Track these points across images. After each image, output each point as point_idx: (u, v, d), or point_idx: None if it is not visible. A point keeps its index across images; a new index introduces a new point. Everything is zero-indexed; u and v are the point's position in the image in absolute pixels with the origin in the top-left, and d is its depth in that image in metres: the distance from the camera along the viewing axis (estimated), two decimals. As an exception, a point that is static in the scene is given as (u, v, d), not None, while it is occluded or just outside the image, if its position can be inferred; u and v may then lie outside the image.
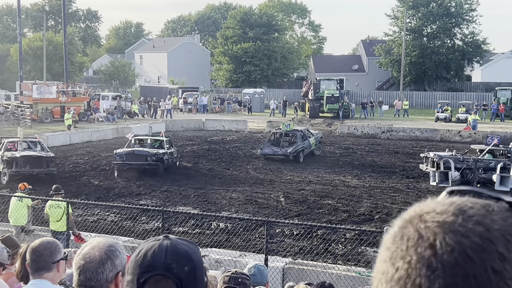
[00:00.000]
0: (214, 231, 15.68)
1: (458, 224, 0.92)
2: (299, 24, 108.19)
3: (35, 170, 22.52)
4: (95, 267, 2.53)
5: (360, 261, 13.20)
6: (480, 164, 22.76)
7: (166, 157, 24.55)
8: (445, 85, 75.76)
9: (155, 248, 1.76)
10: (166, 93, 60.97)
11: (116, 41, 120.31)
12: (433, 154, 23.95)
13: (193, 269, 1.77)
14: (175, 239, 1.81)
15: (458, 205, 0.95)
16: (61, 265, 3.53)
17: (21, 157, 22.58)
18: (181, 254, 1.77)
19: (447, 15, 72.31)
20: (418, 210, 1.00)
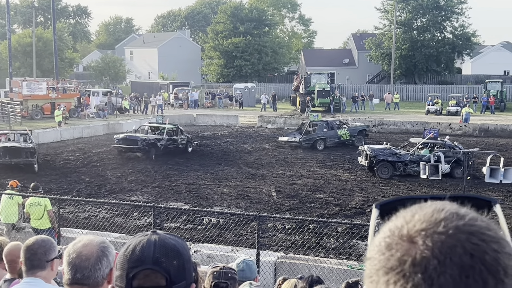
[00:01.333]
0: (206, 227, 15.69)
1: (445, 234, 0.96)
2: (289, 18, 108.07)
3: (13, 160, 23.71)
4: (93, 265, 2.53)
5: (351, 255, 13.25)
6: (412, 157, 23.00)
7: (161, 143, 27.65)
8: (435, 78, 75.94)
9: (144, 243, 1.77)
10: (157, 88, 60.85)
11: (106, 37, 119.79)
12: (367, 147, 24.16)
13: (182, 263, 1.78)
14: (163, 234, 1.82)
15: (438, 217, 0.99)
16: (55, 264, 3.52)
17: (1, 148, 23.81)
18: (170, 248, 1.77)
19: (437, 8, 72.42)
20: (399, 224, 1.01)
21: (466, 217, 0.99)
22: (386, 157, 23.16)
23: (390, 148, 23.86)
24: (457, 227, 0.97)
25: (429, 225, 0.97)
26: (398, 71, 72.16)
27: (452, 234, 0.96)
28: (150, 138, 27.83)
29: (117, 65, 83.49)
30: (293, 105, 57.89)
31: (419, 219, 0.99)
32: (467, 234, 0.96)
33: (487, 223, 1.00)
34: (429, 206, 1.02)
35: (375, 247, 1.01)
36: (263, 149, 30.81)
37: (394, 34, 66.54)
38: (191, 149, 29.70)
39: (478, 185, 20.99)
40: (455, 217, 0.98)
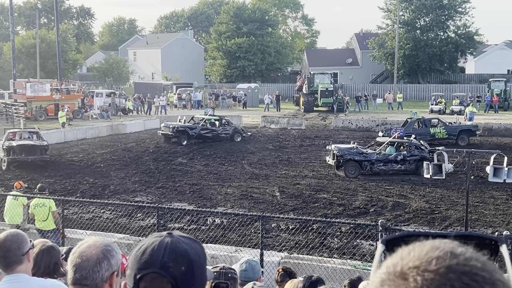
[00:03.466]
0: (209, 227, 15.71)
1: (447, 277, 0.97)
2: (292, 19, 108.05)
3: (29, 157, 24.82)
4: (92, 266, 2.54)
5: (355, 255, 13.25)
6: (379, 156, 23.14)
7: (195, 132, 32.81)
8: (438, 77, 75.85)
9: (155, 246, 1.76)
10: (161, 89, 60.90)
11: (109, 38, 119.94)
12: (334, 147, 24.28)
13: (191, 269, 1.75)
14: (178, 237, 1.79)
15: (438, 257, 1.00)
16: (30, 255, 3.49)
17: (17, 146, 24.84)
18: (180, 253, 1.75)
19: (440, 8, 72.32)
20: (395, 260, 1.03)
21: (461, 257, 0.99)
22: (353, 156, 23.40)
23: (357, 148, 24.04)
24: (449, 266, 0.97)
25: (421, 263, 0.98)
26: (401, 70, 72.08)
27: (443, 273, 0.96)
28: (181, 126, 32.71)
29: (121, 66, 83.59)
30: (296, 105, 57.88)
31: (413, 257, 1.00)
32: (459, 274, 0.96)
33: (483, 264, 0.99)
34: (427, 244, 1.03)
35: (373, 282, 1.04)
36: (267, 149, 30.81)
37: (397, 34, 66.47)
38: (239, 139, 33.49)
39: (482, 184, 20.98)
40: (449, 256, 0.99)
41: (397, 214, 17.38)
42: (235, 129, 34.33)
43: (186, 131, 32.60)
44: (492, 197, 19.37)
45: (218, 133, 33.50)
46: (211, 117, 34.60)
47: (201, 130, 33.18)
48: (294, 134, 37.27)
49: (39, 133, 27.02)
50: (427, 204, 18.42)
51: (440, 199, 19.22)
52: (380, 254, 1.13)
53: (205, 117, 34.43)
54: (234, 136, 33.74)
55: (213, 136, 33.28)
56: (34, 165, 24.78)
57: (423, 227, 15.92)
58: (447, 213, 17.46)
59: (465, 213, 13.30)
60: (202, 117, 34.91)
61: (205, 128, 33.42)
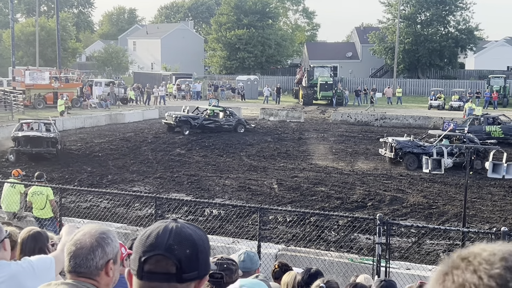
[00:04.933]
0: (207, 218, 15.71)
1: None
2: (293, 11, 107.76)
3: (34, 149, 23.89)
4: (85, 254, 2.52)
5: (352, 248, 13.27)
6: (437, 149, 23.18)
7: (197, 122, 32.91)
8: (438, 72, 75.80)
9: (160, 230, 1.79)
10: (160, 79, 60.76)
11: (109, 27, 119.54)
12: (391, 139, 24.31)
13: (195, 253, 1.78)
14: (183, 223, 1.83)
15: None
16: (6, 244, 3.46)
17: (22, 137, 23.98)
18: (184, 237, 1.78)
19: (441, 3, 72.17)
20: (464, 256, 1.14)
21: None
22: (412, 149, 23.56)
23: (414, 141, 24.23)
24: None
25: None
26: (401, 65, 72.03)
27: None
28: (183, 116, 33.16)
29: (120, 55, 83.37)
30: (295, 98, 57.87)
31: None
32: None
33: None
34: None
35: None
36: (265, 141, 30.80)
37: (398, 28, 66.35)
38: (243, 130, 33.77)
39: (480, 180, 21.00)
40: None
41: (395, 208, 17.39)
42: (239, 121, 34.55)
43: (188, 121, 32.81)
44: (489, 193, 19.39)
45: (221, 124, 33.66)
46: (214, 107, 34.69)
47: (204, 120, 33.30)
48: (293, 126, 37.26)
49: (53, 124, 25.75)
50: (424, 199, 18.44)
51: (438, 194, 19.24)
52: None
53: (209, 108, 34.49)
54: (237, 127, 33.96)
55: (216, 127, 33.43)
56: (42, 157, 24.01)
57: (420, 221, 15.93)
58: (445, 208, 17.47)
59: (463, 208, 13.31)
60: (206, 108, 34.96)
61: (208, 119, 33.56)
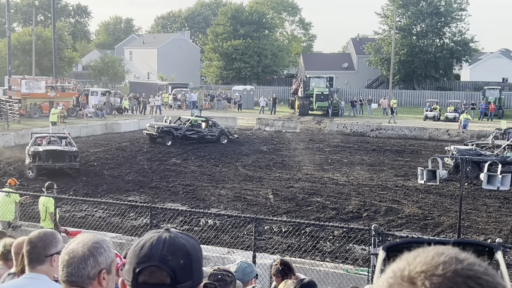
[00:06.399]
0: (202, 228, 15.68)
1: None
2: (289, 22, 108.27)
3: (57, 164, 22.68)
4: (77, 263, 2.52)
5: (348, 259, 13.25)
6: (497, 158, 23.31)
7: (180, 132, 32.52)
8: (433, 84, 76.08)
9: (154, 240, 1.79)
10: (156, 89, 60.83)
11: (105, 36, 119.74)
12: (453, 148, 24.82)
13: (189, 263, 1.78)
14: (175, 233, 1.83)
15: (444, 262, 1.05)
16: (54, 259, 3.46)
17: (43, 151, 22.71)
18: (178, 247, 1.78)
19: (437, 14, 72.56)
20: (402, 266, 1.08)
21: (465, 262, 1.04)
22: (472, 157, 23.35)
23: (475, 149, 24.43)
24: (455, 270, 1.02)
25: (429, 267, 1.03)
26: (397, 76, 72.27)
27: (450, 277, 1.01)
28: (166, 126, 32.78)
29: (116, 65, 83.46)
30: (291, 109, 57.98)
31: (420, 262, 1.05)
32: (465, 278, 1.01)
33: (485, 268, 1.05)
34: (431, 250, 1.08)
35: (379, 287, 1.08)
36: (261, 151, 30.81)
37: (393, 39, 66.63)
38: (226, 141, 33.37)
39: (475, 191, 21.03)
40: (454, 261, 1.03)
41: (390, 219, 17.39)
42: (222, 131, 34.06)
43: (171, 131, 32.42)
44: (484, 204, 19.41)
45: (204, 135, 33.24)
46: (197, 118, 34.45)
47: (186, 131, 32.89)
48: (289, 137, 37.29)
49: (69, 138, 24.81)
50: (420, 210, 18.45)
51: (433, 205, 19.25)
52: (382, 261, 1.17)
53: (192, 118, 34.24)
54: (220, 138, 33.52)
55: (199, 137, 33.01)
56: (62, 173, 22.74)
57: (415, 232, 15.94)
58: (440, 219, 17.48)
59: (458, 220, 13.32)
60: (188, 118, 34.67)
61: (191, 129, 33.16)
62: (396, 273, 1.05)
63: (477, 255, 1.11)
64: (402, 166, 26.76)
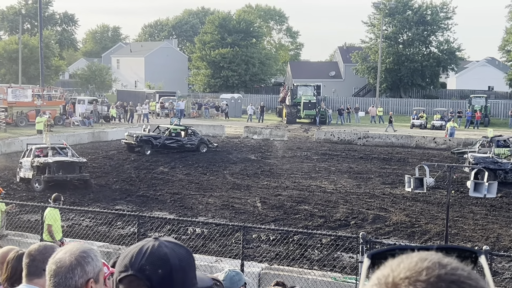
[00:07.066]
0: (190, 237, 15.63)
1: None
2: (276, 30, 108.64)
3: (68, 176, 22.18)
4: (65, 272, 2.50)
5: (336, 267, 13.26)
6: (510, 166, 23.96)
7: (159, 141, 32.24)
8: (420, 92, 76.52)
9: (137, 249, 1.80)
10: (143, 97, 60.71)
11: (92, 45, 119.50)
12: (470, 155, 25.50)
13: (168, 273, 1.77)
14: (162, 242, 1.82)
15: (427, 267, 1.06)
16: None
17: (54, 163, 22.11)
18: (158, 256, 1.77)
19: (423, 23, 73.08)
20: (386, 272, 1.09)
21: (448, 267, 1.05)
22: (488, 165, 23.94)
23: (493, 157, 24.82)
24: (439, 275, 1.03)
25: (412, 273, 1.04)
26: (383, 84, 72.62)
27: (434, 282, 1.02)
28: (145, 135, 32.53)
29: (104, 73, 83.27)
30: (279, 117, 58.08)
31: (404, 268, 1.05)
32: (448, 283, 1.02)
33: (469, 273, 1.06)
34: (415, 256, 1.08)
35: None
36: (249, 159, 30.82)
37: (380, 48, 67.01)
38: (205, 150, 33.19)
39: (462, 199, 21.14)
40: (438, 266, 1.04)
41: (378, 227, 17.43)
42: (201, 140, 33.82)
43: (150, 140, 32.10)
44: (471, 212, 19.52)
45: (183, 143, 32.98)
46: (176, 126, 34.21)
47: (165, 140, 32.55)
48: (277, 145, 37.33)
49: (69, 149, 24.09)
50: (407, 218, 18.51)
51: (420, 213, 19.32)
52: (367, 268, 1.18)
53: (171, 127, 33.95)
54: (199, 146, 33.29)
55: (178, 146, 32.76)
56: (71, 184, 22.31)
57: (403, 240, 15.99)
58: (427, 227, 17.55)
59: (445, 227, 13.37)
60: (167, 127, 34.37)
61: (170, 138, 32.84)
62: (380, 280, 1.06)
63: (461, 260, 1.12)
64: (389, 174, 26.86)
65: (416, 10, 73.25)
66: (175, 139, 32.92)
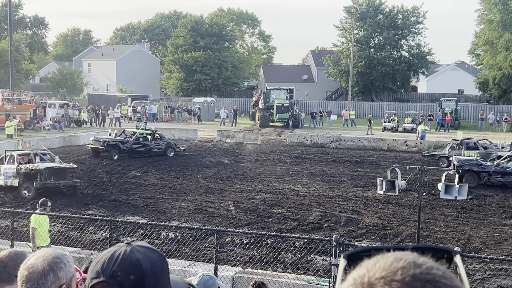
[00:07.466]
0: (163, 241, 15.54)
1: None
2: (249, 34, 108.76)
3: (61, 182, 21.85)
4: (37, 278, 2.47)
5: (309, 270, 13.30)
6: (497, 168, 24.41)
7: (126, 146, 31.76)
8: (391, 95, 77.28)
9: (109, 255, 1.78)
10: (115, 101, 60.30)
11: (63, 48, 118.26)
12: (455, 158, 25.82)
13: (141, 278, 1.75)
14: (134, 247, 1.80)
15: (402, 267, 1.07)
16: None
17: (45, 169, 21.59)
18: (130, 262, 1.75)
19: (394, 27, 73.89)
20: (361, 273, 1.10)
21: (423, 266, 1.06)
22: (472, 167, 24.64)
23: (477, 159, 25.34)
24: (414, 275, 1.04)
25: (388, 273, 1.05)
26: (355, 88, 73.16)
27: (409, 282, 1.03)
28: (112, 140, 31.84)
29: (75, 77, 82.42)
30: (252, 120, 58.14)
31: (379, 268, 1.07)
32: (423, 282, 1.03)
33: (444, 272, 1.07)
34: (390, 256, 1.10)
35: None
36: (222, 163, 30.77)
37: (352, 52, 67.52)
38: (172, 154, 32.89)
39: (433, 201, 21.39)
40: (413, 266, 1.06)
41: (350, 229, 17.54)
42: (168, 144, 33.62)
43: (117, 145, 31.73)
44: (442, 214, 19.75)
45: (151, 148, 32.72)
46: (143, 131, 33.94)
47: (133, 144, 32.20)
48: (250, 148, 37.35)
49: (52, 154, 23.70)
50: (379, 220, 18.66)
51: (392, 215, 19.50)
52: (343, 269, 1.19)
53: (137, 131, 33.61)
54: (167, 151, 33.04)
55: (146, 150, 32.48)
56: (60, 191, 21.91)
57: (375, 242, 16.11)
58: (399, 229, 17.71)
59: (417, 229, 13.52)
60: (133, 131, 34.06)
61: (137, 143, 32.54)
62: (356, 280, 1.07)
63: (436, 260, 1.13)
64: (362, 176, 27.05)
65: (387, 14, 74.04)
66: (142, 144, 32.64)
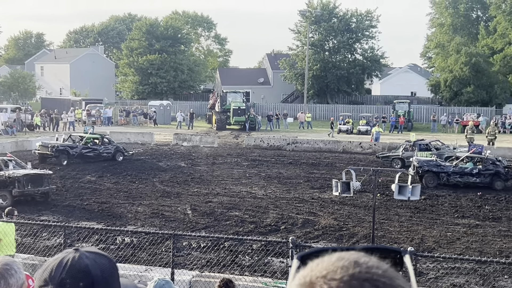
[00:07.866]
0: (119, 246, 15.36)
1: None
2: (205, 37, 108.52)
3: (39, 189, 21.37)
4: None
5: (266, 272, 13.34)
6: (455, 169, 24.86)
7: (75, 151, 31.03)
8: (346, 98, 78.21)
9: (57, 262, 1.75)
10: (69, 105, 59.37)
11: (15, 51, 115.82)
12: (415, 159, 26.17)
13: (90, 285, 1.74)
14: (82, 252, 1.78)
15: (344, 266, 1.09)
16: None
17: (23, 176, 20.92)
18: (79, 269, 1.74)
19: (348, 31, 74.84)
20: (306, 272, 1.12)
21: (364, 265, 1.08)
22: (431, 167, 25.04)
23: (436, 160, 25.74)
24: (353, 274, 1.06)
25: (328, 272, 1.07)
26: (311, 91, 73.77)
27: (347, 281, 1.05)
28: (61, 145, 31.01)
29: (27, 80, 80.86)
30: (209, 123, 58.07)
31: (322, 267, 1.09)
32: (361, 281, 1.05)
33: (384, 271, 1.09)
34: (334, 256, 1.12)
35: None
36: (179, 167, 30.61)
37: (307, 55, 68.09)
38: (121, 158, 32.37)
39: (387, 202, 21.72)
40: (353, 265, 1.08)
41: (307, 231, 17.67)
42: (117, 148, 33.09)
43: (66, 150, 30.91)
44: (397, 214, 20.08)
45: (100, 152, 32.07)
46: (91, 135, 33.11)
47: (82, 149, 31.48)
48: (207, 151, 37.26)
49: (17, 160, 22.87)
50: (335, 221, 18.85)
51: (348, 216, 19.72)
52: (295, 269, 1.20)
53: (85, 136, 32.77)
54: (116, 155, 32.53)
55: (95, 155, 31.83)
56: (31, 198, 21.50)
57: (331, 243, 16.26)
58: (355, 230, 17.93)
59: (372, 230, 13.72)
60: (81, 136, 33.25)
61: (87, 147, 31.83)
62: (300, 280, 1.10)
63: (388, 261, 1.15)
64: (318, 178, 27.28)
65: (341, 18, 74.93)
66: (91, 148, 31.96)
